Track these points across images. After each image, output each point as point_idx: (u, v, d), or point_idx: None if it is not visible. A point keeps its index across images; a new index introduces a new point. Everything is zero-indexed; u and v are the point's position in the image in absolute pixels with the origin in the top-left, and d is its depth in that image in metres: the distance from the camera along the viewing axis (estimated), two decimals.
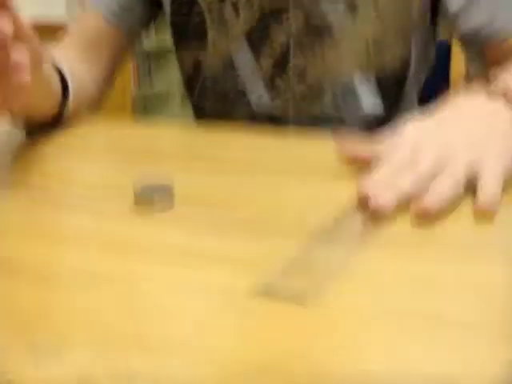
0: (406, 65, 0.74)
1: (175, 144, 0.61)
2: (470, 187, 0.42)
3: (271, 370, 0.25)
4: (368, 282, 0.32)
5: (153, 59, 3.42)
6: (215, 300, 0.31)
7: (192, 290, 0.32)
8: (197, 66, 0.79)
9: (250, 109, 0.76)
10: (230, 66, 0.76)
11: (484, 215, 0.40)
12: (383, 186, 0.41)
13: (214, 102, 0.80)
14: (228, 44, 0.75)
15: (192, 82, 0.80)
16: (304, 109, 0.74)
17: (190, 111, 0.87)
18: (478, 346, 0.27)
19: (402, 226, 0.39)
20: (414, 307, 0.30)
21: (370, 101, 0.73)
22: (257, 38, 0.74)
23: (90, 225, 0.40)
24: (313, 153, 0.56)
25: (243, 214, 0.41)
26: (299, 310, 0.29)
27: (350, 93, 0.73)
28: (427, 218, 0.39)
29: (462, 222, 0.40)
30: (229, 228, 0.39)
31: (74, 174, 0.50)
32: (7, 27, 0.41)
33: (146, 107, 3.42)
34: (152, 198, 0.42)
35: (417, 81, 0.78)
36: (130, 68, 3.18)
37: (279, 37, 0.73)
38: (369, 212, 0.40)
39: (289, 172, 0.51)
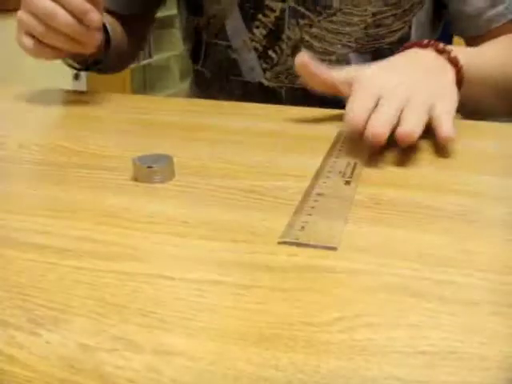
0: (404, 42, 0.72)
1: (174, 115, 0.61)
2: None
3: (271, 340, 0.25)
4: (364, 251, 0.32)
5: (152, 29, 3.37)
6: (215, 271, 0.30)
7: (192, 260, 0.32)
8: (198, 33, 0.78)
9: (243, 79, 0.76)
10: (223, 34, 0.75)
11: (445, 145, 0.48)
12: (374, 115, 0.46)
13: (212, 70, 0.79)
14: (221, 12, 0.74)
15: (196, 49, 0.80)
16: (296, 81, 0.72)
17: (188, 86, 0.87)
18: (481, 321, 0.27)
19: (387, 191, 0.39)
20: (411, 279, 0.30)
21: None
22: (250, 7, 0.72)
23: (89, 196, 0.40)
24: (308, 123, 0.56)
25: (242, 184, 0.41)
26: (299, 282, 0.29)
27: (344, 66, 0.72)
28: (411, 142, 0.45)
29: (446, 192, 0.40)
30: (228, 198, 0.39)
31: (73, 145, 0.50)
32: None
33: (144, 83, 3.39)
34: (152, 168, 0.41)
35: None
36: None
37: (273, 6, 0.71)
38: (363, 141, 0.45)
39: (286, 142, 0.51)
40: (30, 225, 0.36)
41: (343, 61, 0.72)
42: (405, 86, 0.50)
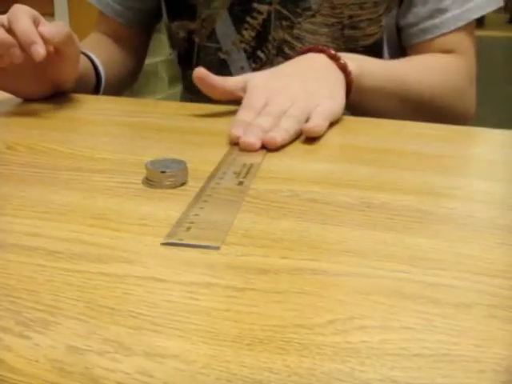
0: (378, 46, 0.76)
1: (163, 118, 0.60)
2: None
3: (264, 342, 0.25)
4: (356, 254, 0.32)
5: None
6: (207, 274, 0.30)
7: (183, 263, 0.31)
8: (190, 38, 0.81)
9: None
10: (213, 36, 0.78)
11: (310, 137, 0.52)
12: (249, 127, 0.51)
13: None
14: (212, 15, 0.77)
15: (188, 54, 0.83)
16: None
17: (176, 92, 0.90)
18: (474, 324, 0.27)
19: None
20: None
21: None
22: (239, 10, 0.76)
23: (79, 198, 0.39)
24: None
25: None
26: (291, 284, 0.29)
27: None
28: (275, 146, 0.49)
29: (437, 196, 0.40)
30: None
31: (62, 148, 0.49)
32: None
33: (132, 88, 3.39)
34: (165, 173, 0.41)
35: None
36: None
37: (261, 9, 0.74)
38: (240, 149, 0.49)
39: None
40: (18, 226, 0.35)
41: None
42: (288, 92, 0.55)
